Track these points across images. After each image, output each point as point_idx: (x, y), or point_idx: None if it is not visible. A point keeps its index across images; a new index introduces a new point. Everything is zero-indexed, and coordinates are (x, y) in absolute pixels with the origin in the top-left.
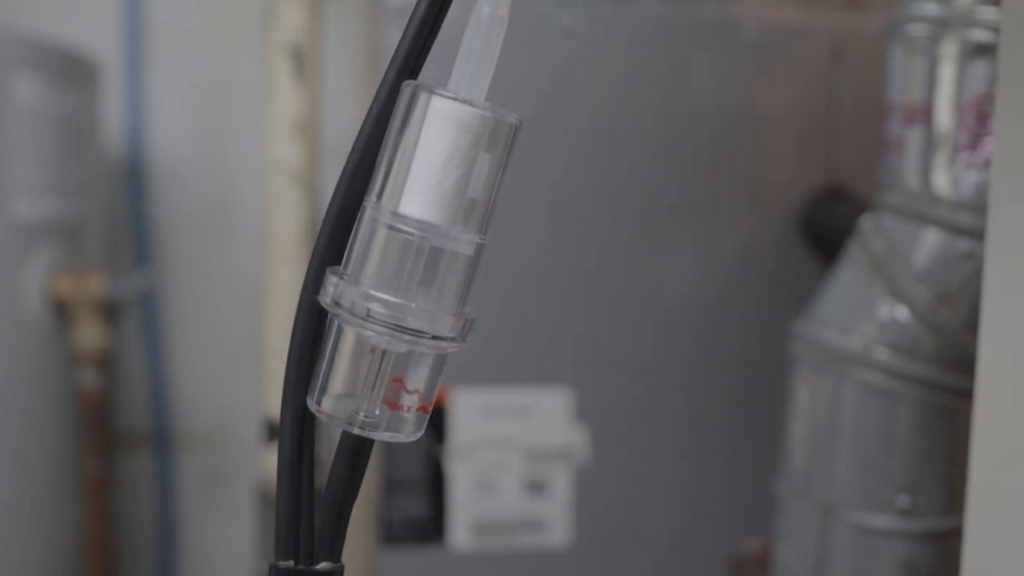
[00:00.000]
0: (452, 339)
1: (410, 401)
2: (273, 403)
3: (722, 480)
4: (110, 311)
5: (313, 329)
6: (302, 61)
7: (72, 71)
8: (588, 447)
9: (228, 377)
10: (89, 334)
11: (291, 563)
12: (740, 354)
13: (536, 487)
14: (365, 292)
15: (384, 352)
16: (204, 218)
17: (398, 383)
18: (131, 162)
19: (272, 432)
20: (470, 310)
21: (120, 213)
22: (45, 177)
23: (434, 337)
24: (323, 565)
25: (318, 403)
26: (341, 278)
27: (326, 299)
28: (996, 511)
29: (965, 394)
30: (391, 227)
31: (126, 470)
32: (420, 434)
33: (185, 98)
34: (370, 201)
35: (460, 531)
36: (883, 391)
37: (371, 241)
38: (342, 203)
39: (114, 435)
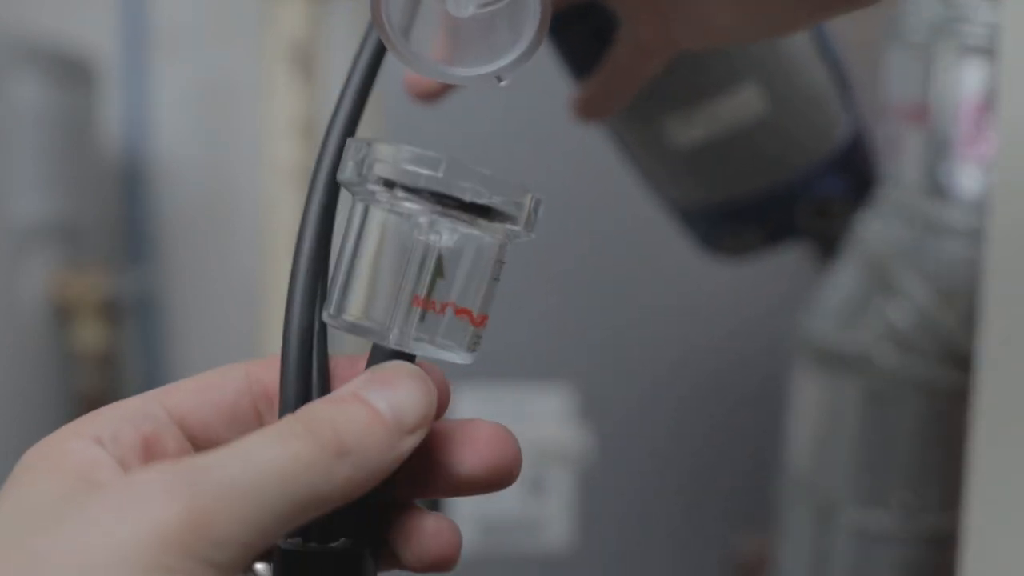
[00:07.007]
0: (519, 220)
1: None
2: None
3: (721, 480)
4: (110, 311)
5: (328, 234)
6: (300, 60)
7: (72, 71)
8: (588, 446)
9: None
10: (89, 334)
11: (298, 540)
12: (740, 353)
13: (536, 487)
14: (400, 158)
15: (427, 242)
16: (204, 218)
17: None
18: (131, 162)
19: None
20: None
21: (120, 213)
22: (45, 177)
23: (494, 214)
24: (340, 543)
25: (337, 313)
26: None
27: (345, 173)
28: (995, 511)
29: (965, 394)
30: None
31: None
32: (474, 357)
33: (185, 98)
34: None
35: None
36: (882, 391)
37: None
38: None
39: None
